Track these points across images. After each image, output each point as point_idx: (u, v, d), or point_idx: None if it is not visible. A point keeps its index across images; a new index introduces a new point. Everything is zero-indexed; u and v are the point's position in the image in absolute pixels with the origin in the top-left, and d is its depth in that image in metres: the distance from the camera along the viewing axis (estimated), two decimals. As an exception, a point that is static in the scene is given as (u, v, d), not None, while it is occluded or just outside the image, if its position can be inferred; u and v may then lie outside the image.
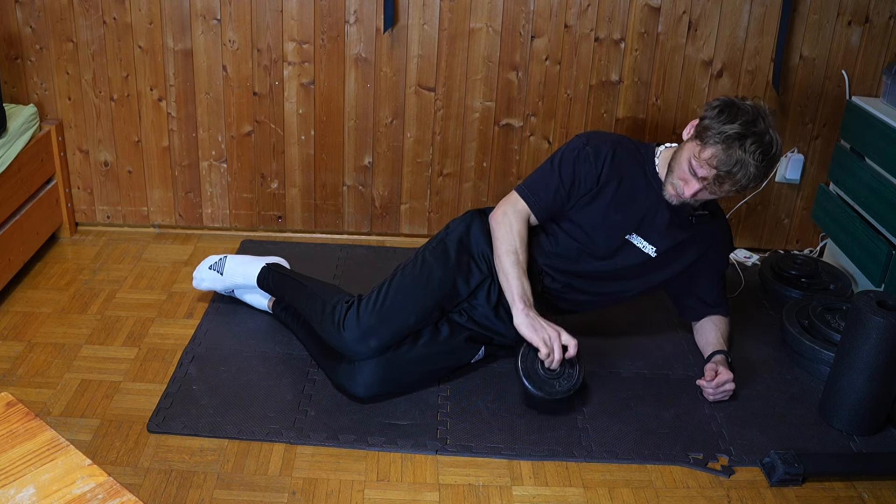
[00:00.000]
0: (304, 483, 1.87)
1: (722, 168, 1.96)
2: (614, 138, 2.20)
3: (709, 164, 1.97)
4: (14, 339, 2.33)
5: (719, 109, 1.99)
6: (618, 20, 2.73)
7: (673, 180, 2.08)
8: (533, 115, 2.85)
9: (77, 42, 2.74)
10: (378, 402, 2.13)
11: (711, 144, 1.97)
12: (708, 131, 1.97)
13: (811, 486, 1.95)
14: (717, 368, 2.18)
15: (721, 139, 1.95)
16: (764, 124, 1.97)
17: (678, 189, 2.06)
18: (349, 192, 2.97)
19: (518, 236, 2.13)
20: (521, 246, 2.12)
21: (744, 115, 1.97)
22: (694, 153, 2.00)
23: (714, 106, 2.01)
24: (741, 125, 1.95)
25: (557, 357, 2.02)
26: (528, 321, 2.03)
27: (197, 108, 2.83)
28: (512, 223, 2.14)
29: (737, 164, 1.95)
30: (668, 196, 2.10)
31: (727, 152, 1.95)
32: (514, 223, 2.14)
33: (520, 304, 2.05)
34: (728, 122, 1.96)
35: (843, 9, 2.71)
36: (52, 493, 0.99)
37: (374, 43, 2.75)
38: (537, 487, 1.90)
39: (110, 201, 2.97)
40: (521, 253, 2.11)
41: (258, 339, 2.38)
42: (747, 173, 1.96)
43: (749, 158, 1.94)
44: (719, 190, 2.02)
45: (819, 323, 2.35)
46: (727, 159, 1.95)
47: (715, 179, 1.98)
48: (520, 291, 2.06)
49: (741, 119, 1.96)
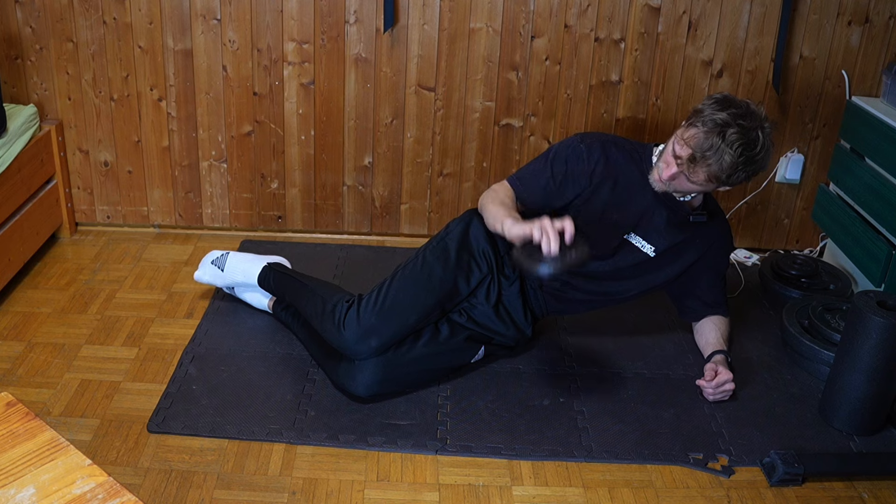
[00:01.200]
0: (304, 483, 1.87)
1: (697, 150, 1.96)
2: (610, 138, 2.20)
3: (687, 143, 1.99)
4: (14, 339, 2.33)
5: (716, 100, 2.01)
6: (618, 20, 2.73)
7: (658, 164, 2.10)
8: (533, 115, 2.85)
9: (77, 42, 2.74)
10: (378, 402, 2.13)
11: (695, 126, 1.98)
12: (698, 115, 2.00)
13: (811, 486, 1.95)
14: (717, 368, 2.18)
15: (705, 122, 1.97)
16: (754, 122, 1.97)
17: (660, 172, 2.08)
18: (349, 192, 2.97)
19: (506, 195, 2.13)
20: (508, 201, 2.11)
21: (736, 108, 1.98)
22: (678, 133, 2.03)
23: (713, 97, 2.04)
24: (729, 115, 1.96)
25: (554, 235, 1.83)
26: (518, 224, 1.91)
27: (197, 108, 2.83)
28: (498, 191, 2.15)
29: (711, 149, 1.95)
30: (652, 181, 2.12)
31: (707, 136, 1.96)
32: (500, 191, 2.15)
33: (508, 220, 1.95)
34: (719, 110, 1.97)
35: (843, 9, 2.71)
36: (52, 493, 0.99)
37: (374, 43, 2.75)
38: (537, 487, 1.90)
39: (110, 201, 2.97)
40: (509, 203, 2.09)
41: (258, 339, 2.39)
42: (720, 161, 1.95)
43: (726, 148, 1.94)
44: (693, 176, 2.01)
45: (819, 323, 2.35)
46: (704, 142, 1.95)
47: (689, 160, 1.98)
48: (507, 213, 2.00)
49: (732, 110, 1.97)
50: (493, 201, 2.11)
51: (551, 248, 1.82)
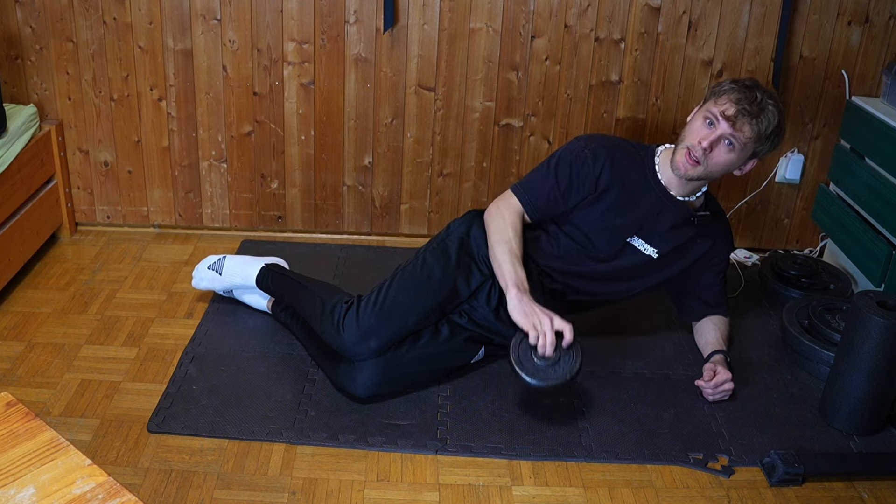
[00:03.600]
0: (304, 483, 1.87)
1: (743, 104, 1.98)
2: (614, 142, 2.20)
3: (731, 102, 2.00)
4: (14, 339, 2.33)
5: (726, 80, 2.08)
6: (618, 20, 2.73)
7: (683, 146, 2.06)
8: (533, 115, 2.85)
9: (77, 42, 2.74)
10: (378, 402, 2.13)
11: (726, 92, 2.02)
12: (721, 87, 2.04)
13: (811, 486, 1.95)
14: (716, 368, 2.18)
15: (738, 86, 2.02)
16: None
17: (693, 150, 2.03)
18: (349, 192, 2.97)
19: (511, 227, 2.12)
20: (515, 237, 2.11)
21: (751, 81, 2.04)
22: (709, 108, 2.04)
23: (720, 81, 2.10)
24: (750, 81, 2.04)
25: (549, 341, 1.94)
26: (521, 306, 1.99)
27: (197, 108, 2.83)
28: (505, 216, 2.14)
29: (756, 102, 1.99)
30: (675, 169, 2.08)
31: (747, 94, 2.00)
32: (507, 216, 2.13)
33: (513, 289, 2.02)
34: (736, 80, 2.04)
35: (843, 9, 2.71)
36: (52, 493, 0.99)
37: (374, 43, 2.75)
38: (537, 487, 1.90)
39: (110, 201, 2.97)
40: (515, 242, 2.10)
41: (258, 339, 2.38)
42: (767, 115, 2.00)
43: (768, 101, 2.00)
44: (740, 133, 2.00)
45: (819, 323, 2.35)
46: (748, 97, 1.99)
47: (736, 115, 1.98)
48: (513, 277, 2.03)
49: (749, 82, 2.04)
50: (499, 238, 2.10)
51: (546, 351, 1.95)
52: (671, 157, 2.11)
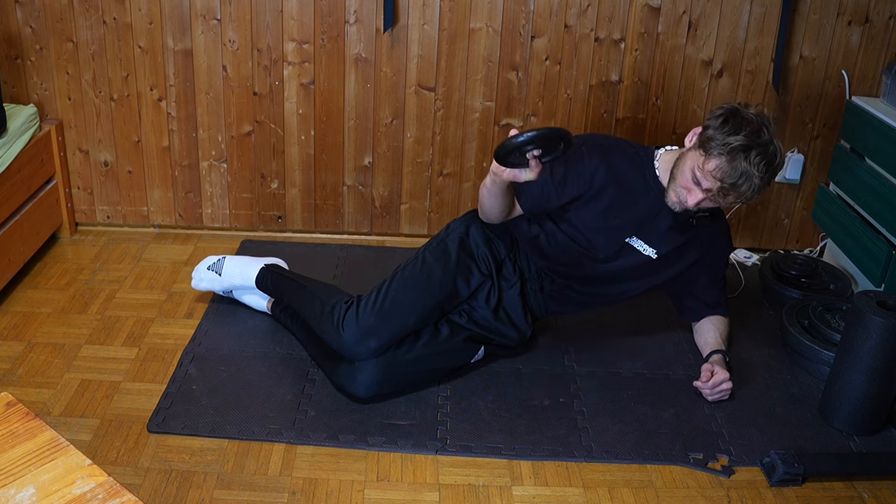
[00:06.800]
0: (304, 483, 1.87)
1: (727, 180, 1.93)
2: (612, 142, 2.19)
3: (713, 175, 1.94)
4: (14, 339, 2.33)
5: (723, 119, 1.95)
6: (618, 20, 2.73)
7: (676, 188, 2.04)
8: (533, 115, 2.85)
9: (77, 42, 2.74)
10: (378, 402, 2.13)
11: (715, 156, 1.93)
12: (712, 142, 1.94)
13: (811, 486, 1.95)
14: (713, 368, 2.18)
15: (725, 151, 1.91)
16: (768, 134, 1.94)
17: (681, 197, 2.03)
18: (349, 192, 2.97)
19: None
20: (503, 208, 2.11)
21: (748, 125, 1.92)
22: (697, 164, 1.97)
23: (717, 115, 1.97)
24: (745, 136, 1.91)
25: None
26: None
27: (197, 108, 2.83)
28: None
29: (742, 177, 1.92)
30: (670, 203, 2.07)
31: (731, 164, 1.91)
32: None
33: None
34: (732, 133, 1.92)
35: (843, 9, 2.71)
36: (52, 493, 0.99)
37: (374, 43, 2.75)
38: (537, 487, 1.90)
39: (110, 201, 2.97)
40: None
41: (258, 339, 2.38)
42: (752, 185, 1.93)
43: (754, 170, 1.91)
44: (723, 201, 2.00)
45: (819, 323, 2.35)
46: (732, 171, 1.92)
47: (719, 191, 1.96)
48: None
49: (745, 130, 1.92)
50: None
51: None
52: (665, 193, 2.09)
